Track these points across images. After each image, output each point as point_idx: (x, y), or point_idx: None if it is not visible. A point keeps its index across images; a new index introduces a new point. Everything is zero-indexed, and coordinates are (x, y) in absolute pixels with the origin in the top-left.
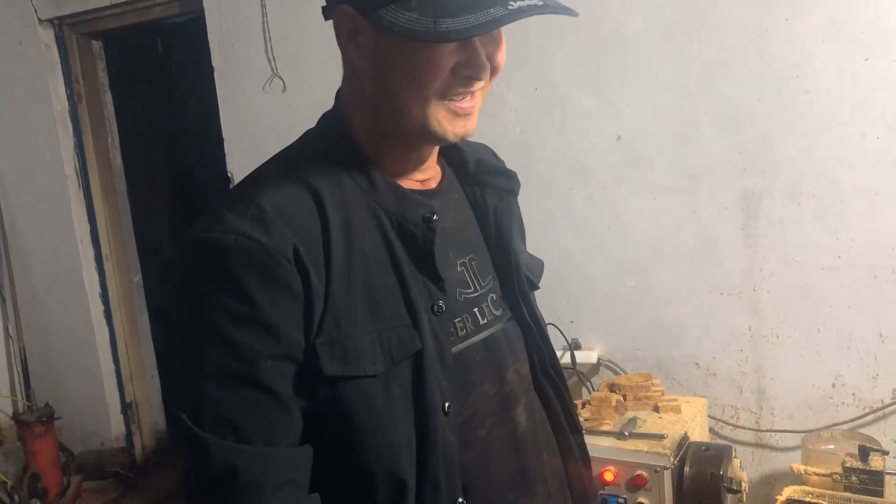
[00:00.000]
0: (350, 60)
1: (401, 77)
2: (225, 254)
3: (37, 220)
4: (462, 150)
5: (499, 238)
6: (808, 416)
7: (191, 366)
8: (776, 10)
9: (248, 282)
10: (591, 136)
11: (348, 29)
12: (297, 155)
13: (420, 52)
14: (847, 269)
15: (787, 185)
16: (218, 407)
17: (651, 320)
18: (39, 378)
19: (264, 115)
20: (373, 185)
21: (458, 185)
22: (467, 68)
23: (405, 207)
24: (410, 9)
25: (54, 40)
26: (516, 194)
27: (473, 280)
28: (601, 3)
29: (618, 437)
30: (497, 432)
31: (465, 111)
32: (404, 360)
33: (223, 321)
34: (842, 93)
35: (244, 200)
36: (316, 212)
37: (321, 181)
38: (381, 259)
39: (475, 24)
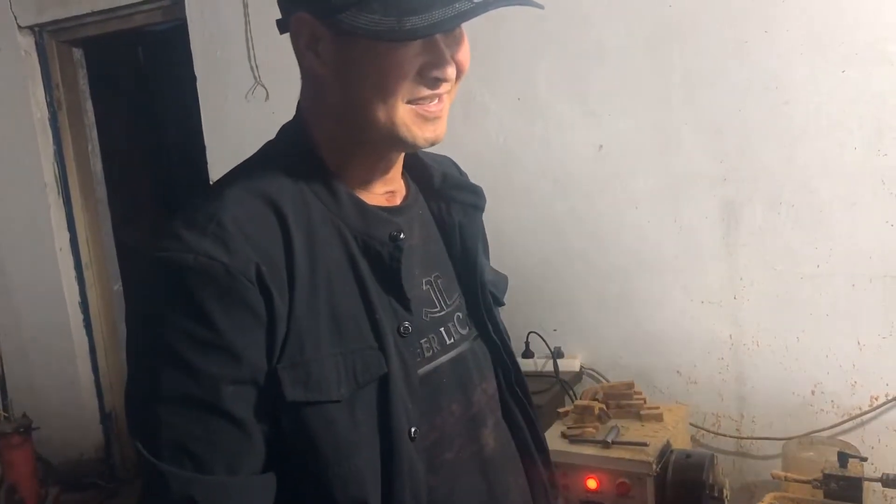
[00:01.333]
0: (309, 70)
1: (366, 83)
2: (184, 274)
3: (16, 228)
4: (427, 164)
5: (464, 254)
6: (788, 424)
7: (146, 391)
8: (755, 23)
9: (208, 304)
10: (573, 145)
11: (306, 37)
12: (258, 169)
13: (384, 55)
14: (826, 278)
15: (766, 195)
16: (175, 434)
17: (633, 328)
18: (17, 388)
19: (247, 124)
20: (337, 201)
21: (423, 201)
22: (433, 69)
23: (371, 225)
24: (372, 11)
25: (34, 47)
26: (482, 210)
27: (439, 299)
28: (583, 14)
29: (601, 446)
30: (464, 454)
31: (433, 115)
32: (370, 384)
33: (182, 345)
34: (820, 104)
35: (204, 216)
36: (279, 229)
37: (283, 197)
38: (346, 279)
39: (441, 20)
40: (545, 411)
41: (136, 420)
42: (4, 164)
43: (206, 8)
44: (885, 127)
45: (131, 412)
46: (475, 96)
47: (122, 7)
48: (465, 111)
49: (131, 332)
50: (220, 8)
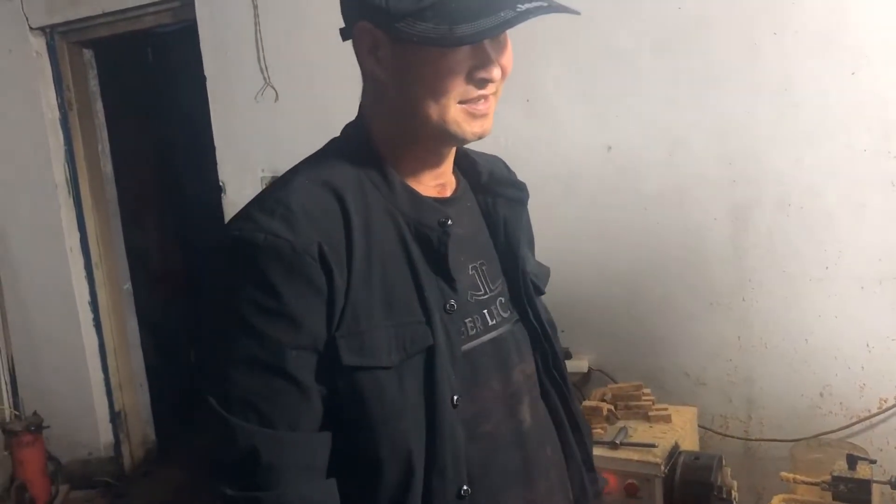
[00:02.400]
0: (371, 73)
1: (420, 85)
2: (255, 250)
3: (26, 229)
4: (476, 161)
5: (508, 245)
6: (797, 426)
7: (220, 354)
8: (765, 25)
9: (275, 277)
10: (582, 146)
11: (368, 44)
12: (323, 161)
13: (436, 59)
14: (834, 280)
15: (775, 197)
16: (244, 392)
17: (641, 330)
18: (27, 387)
19: (256, 125)
20: (392, 189)
21: (472, 195)
22: (480, 71)
23: (422, 212)
24: (426, 20)
25: (45, 48)
26: (525, 204)
27: (483, 283)
28: (592, 16)
29: (609, 446)
30: (502, 428)
31: (481, 113)
32: (417, 355)
33: (251, 313)
34: (829, 106)
35: (273, 201)
36: (340, 214)
37: (345, 185)
38: (398, 259)
39: (488, 27)
40: None
41: (208, 378)
42: (16, 165)
43: (216, 9)
44: (894, 129)
45: (204, 371)
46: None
47: (133, 8)
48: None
49: (206, 302)
50: (229, 9)
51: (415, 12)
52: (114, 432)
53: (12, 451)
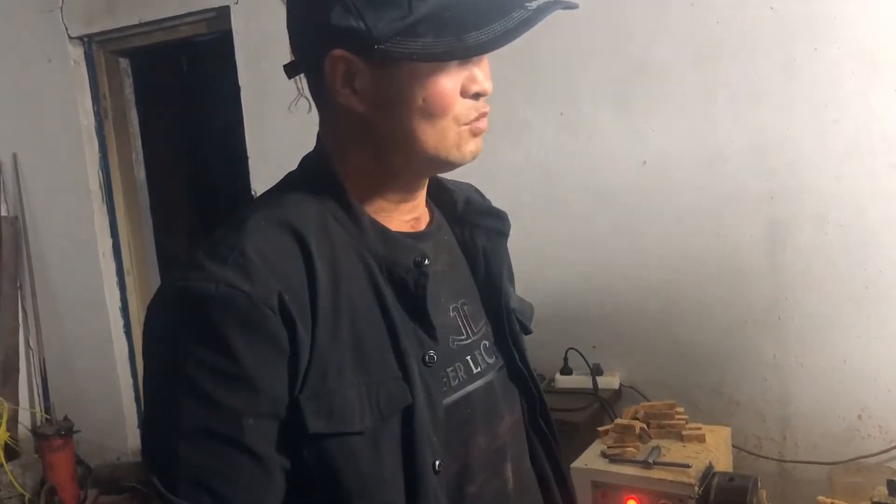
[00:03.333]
0: (343, 106)
1: (412, 110)
2: (206, 303)
3: (60, 234)
4: (450, 189)
5: (489, 280)
6: (833, 448)
7: (164, 424)
8: (805, 40)
9: (230, 334)
10: (616, 160)
11: (342, 74)
12: (280, 197)
13: (429, 80)
14: (874, 300)
15: (814, 214)
16: (194, 470)
17: (674, 346)
18: (59, 391)
19: (289, 135)
20: (360, 229)
21: (447, 227)
22: (474, 84)
23: (395, 252)
24: (419, 35)
25: (83, 57)
26: (506, 236)
27: (466, 326)
28: (628, 29)
29: (642, 466)
30: (487, 489)
31: (481, 130)
32: (394, 416)
33: (202, 377)
34: (871, 123)
35: (226, 246)
36: (301, 258)
37: (306, 225)
38: (370, 307)
39: (506, 30)
40: (584, 429)
41: (152, 454)
42: (52, 171)
43: (251, 19)
44: None
45: (148, 445)
46: (517, 111)
47: (169, 18)
48: (507, 126)
49: (149, 364)
50: (264, 19)
51: (403, 30)
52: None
53: (43, 455)
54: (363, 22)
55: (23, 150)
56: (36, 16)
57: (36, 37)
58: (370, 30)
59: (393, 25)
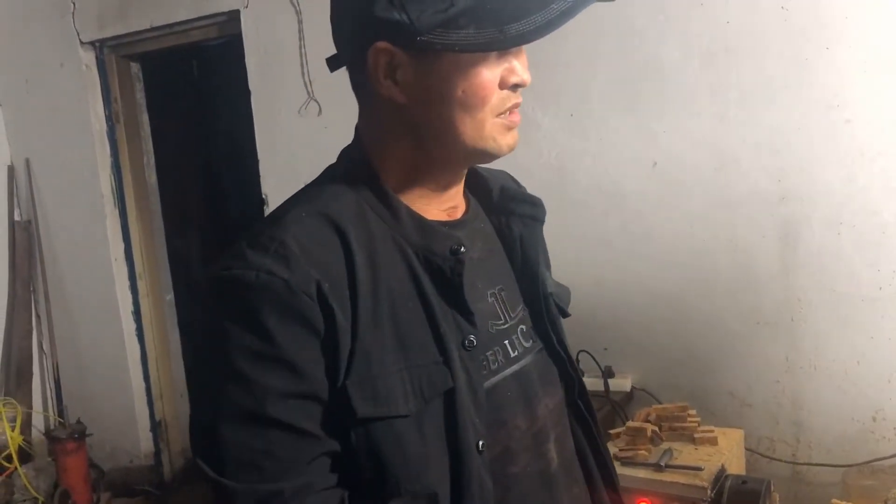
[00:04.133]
0: (385, 97)
1: (452, 101)
2: (246, 291)
3: (73, 239)
4: (485, 177)
5: (525, 266)
6: (847, 450)
7: (209, 408)
8: (817, 39)
9: (269, 319)
10: (627, 162)
11: (384, 66)
12: (320, 191)
13: (469, 70)
14: (888, 301)
15: (826, 215)
16: (239, 450)
17: (686, 348)
18: (72, 395)
19: (299, 138)
20: (397, 218)
21: (484, 215)
22: (513, 76)
23: (431, 240)
24: (461, 27)
25: (95, 62)
26: (542, 222)
27: (503, 311)
28: (638, 30)
29: (654, 469)
30: (530, 469)
31: (515, 123)
32: (436, 399)
33: (244, 360)
34: (884, 122)
35: (267, 237)
36: (341, 248)
37: (345, 217)
38: (409, 294)
39: (549, 20)
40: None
41: (198, 438)
42: (65, 176)
43: (261, 23)
44: None
45: (194, 430)
46: (528, 112)
47: (180, 23)
48: (518, 128)
49: (196, 353)
50: (274, 23)
51: (445, 22)
52: (154, 441)
53: (56, 458)
54: (406, 14)
55: (35, 155)
56: (48, 21)
57: (48, 42)
58: (413, 22)
59: (435, 17)
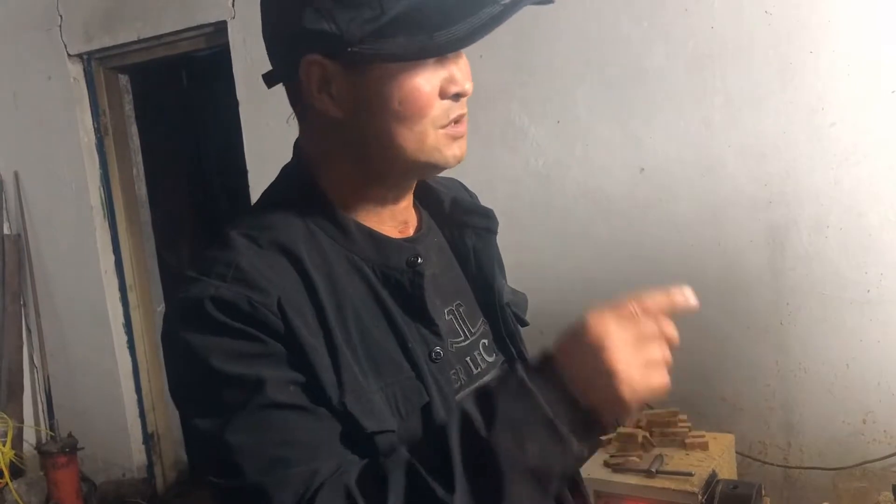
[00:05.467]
0: (320, 112)
1: (389, 114)
2: (209, 305)
3: (63, 251)
4: (436, 189)
5: (481, 279)
6: (839, 453)
7: (208, 422)
8: (801, 44)
9: (237, 326)
10: (614, 168)
11: (317, 80)
12: (265, 219)
13: (404, 81)
14: (876, 304)
15: (813, 218)
16: (257, 447)
17: (676, 354)
18: (63, 408)
19: (288, 148)
20: (348, 235)
21: (436, 228)
22: (453, 85)
23: (387, 254)
24: (389, 35)
25: (83, 74)
26: (495, 233)
27: (463, 328)
28: (624, 36)
29: (645, 475)
30: None
31: (460, 133)
32: (412, 415)
33: (229, 363)
34: (868, 125)
35: (222, 265)
36: (297, 275)
37: (295, 241)
38: (372, 312)
39: (478, 25)
40: None
41: (207, 457)
42: (54, 188)
43: (249, 34)
44: None
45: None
46: (514, 119)
47: (168, 34)
48: (504, 134)
49: (175, 379)
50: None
51: (374, 31)
52: (147, 454)
53: (47, 472)
54: (335, 24)
55: (24, 168)
56: (35, 34)
57: (35, 55)
58: (342, 32)
59: (364, 27)
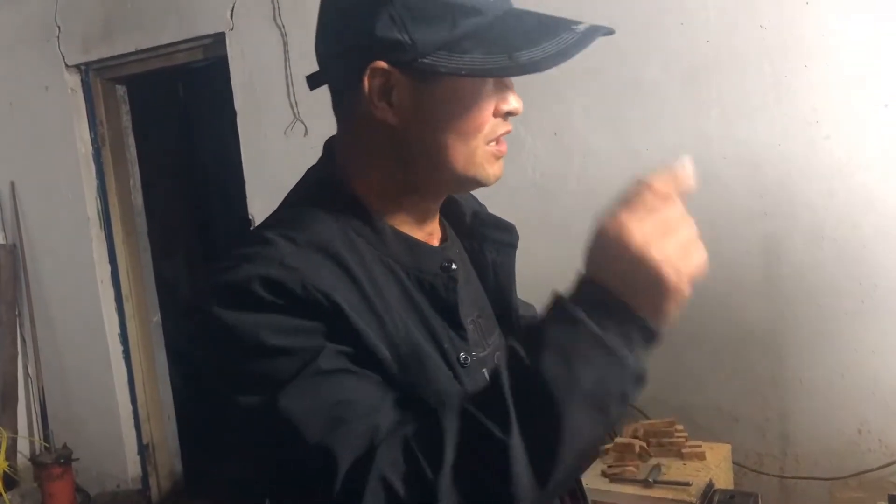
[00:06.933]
0: (374, 119)
1: (447, 126)
2: (256, 285)
3: (58, 261)
4: (457, 202)
5: (499, 292)
6: (834, 463)
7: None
8: (795, 57)
9: (286, 303)
10: (611, 180)
11: (380, 87)
12: (299, 221)
13: (467, 96)
14: (870, 314)
15: (808, 230)
16: (314, 410)
17: (673, 364)
18: (57, 418)
19: (285, 159)
20: (383, 240)
21: (458, 240)
22: (506, 104)
23: (421, 259)
24: (465, 50)
25: (80, 85)
26: (515, 248)
27: (481, 338)
28: (620, 48)
29: (642, 485)
30: None
31: (503, 153)
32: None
33: (279, 337)
34: (862, 137)
35: (264, 257)
36: (342, 272)
37: (335, 243)
38: (408, 313)
39: (559, 51)
40: None
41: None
42: (50, 199)
43: (246, 45)
44: None
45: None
46: (512, 132)
47: (165, 45)
48: None
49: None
50: (259, 45)
51: (449, 44)
52: (142, 465)
53: (42, 484)
54: (408, 35)
55: (21, 178)
56: (33, 45)
57: (33, 65)
58: (415, 43)
59: (437, 39)
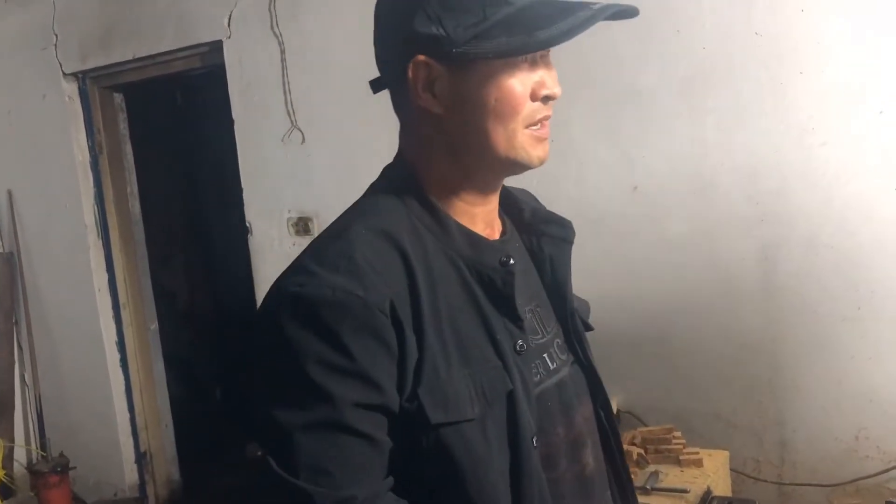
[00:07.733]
0: (423, 110)
1: (486, 111)
2: (321, 308)
3: (56, 269)
4: (517, 198)
5: (555, 285)
6: (832, 470)
7: (285, 417)
8: (791, 64)
9: (345, 334)
10: (608, 186)
11: (423, 79)
12: (374, 208)
13: (502, 80)
14: (867, 321)
15: (804, 237)
16: (312, 457)
17: (670, 371)
18: (54, 427)
19: (283, 167)
20: (447, 232)
21: (517, 235)
22: (543, 88)
23: (481, 253)
24: (494, 37)
25: (77, 93)
26: (571, 243)
27: (540, 326)
28: (617, 56)
29: (641, 492)
30: (568, 474)
31: (544, 136)
32: (497, 401)
33: (320, 374)
34: (859, 145)
35: (335, 255)
36: (402, 264)
37: (401, 233)
38: (464, 304)
39: (574, 25)
40: None
41: (272, 440)
42: (48, 207)
43: (244, 53)
44: None
45: (267, 434)
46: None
47: (162, 53)
48: None
49: (263, 364)
50: (257, 53)
51: (481, 33)
52: (139, 473)
53: (38, 492)
54: (442, 28)
55: (18, 186)
56: (30, 53)
57: (30, 73)
58: (449, 35)
59: (468, 31)
